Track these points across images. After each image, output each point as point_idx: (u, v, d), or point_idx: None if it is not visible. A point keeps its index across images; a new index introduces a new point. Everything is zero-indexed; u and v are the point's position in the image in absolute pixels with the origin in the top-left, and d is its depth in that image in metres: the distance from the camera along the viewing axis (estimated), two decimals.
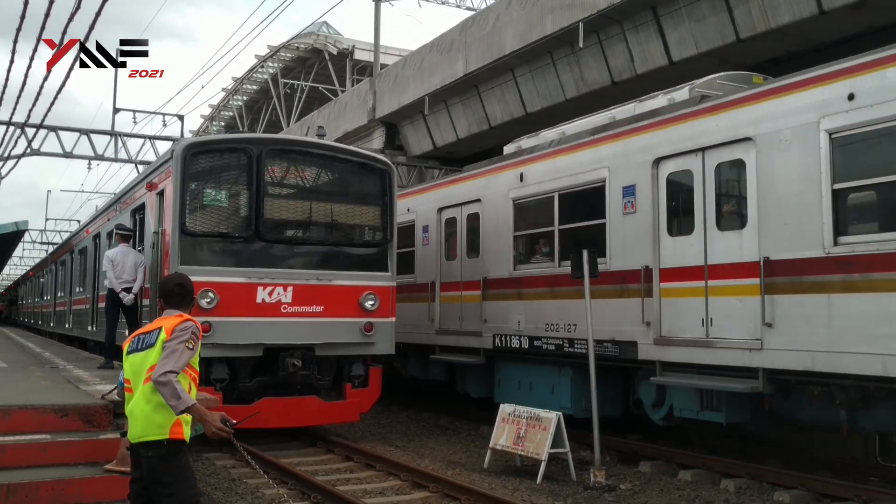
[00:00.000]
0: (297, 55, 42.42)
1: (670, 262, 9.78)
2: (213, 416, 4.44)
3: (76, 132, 23.87)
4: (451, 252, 14.41)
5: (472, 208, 13.84)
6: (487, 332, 12.87)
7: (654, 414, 10.51)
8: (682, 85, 10.74)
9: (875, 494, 8.21)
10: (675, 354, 9.61)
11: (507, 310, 12.56)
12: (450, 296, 14.25)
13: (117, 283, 11.77)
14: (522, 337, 12.10)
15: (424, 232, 15.10)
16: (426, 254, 14.97)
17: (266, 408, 10.79)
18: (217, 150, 11.50)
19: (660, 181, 10.00)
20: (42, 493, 6.02)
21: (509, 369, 12.84)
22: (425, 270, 14.96)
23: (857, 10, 13.44)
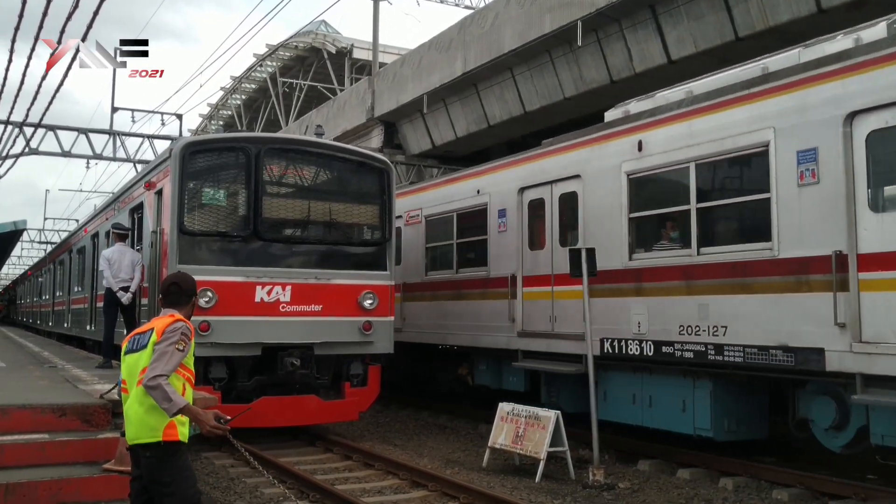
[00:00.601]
0: (295, 54, 42.43)
1: (876, 246, 7.51)
2: (206, 416, 4.44)
3: (74, 131, 23.87)
4: (536, 240, 12.19)
5: (566, 186, 11.52)
6: (593, 334, 10.26)
7: (829, 439, 8.41)
8: (873, 21, 9.01)
9: (873, 492, 8.22)
10: (886, 366, 7.31)
11: (619, 308, 10.30)
12: (536, 292, 11.99)
13: (114, 282, 11.77)
14: (645, 342, 9.89)
15: (500, 217, 12.90)
16: (503, 243, 12.81)
17: (265, 407, 10.79)
18: (215, 149, 11.49)
19: (855, 141, 7.78)
20: (40, 492, 6.02)
21: (620, 380, 10.64)
22: (501, 262, 12.80)
23: (855, 9, 13.44)
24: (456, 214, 14.21)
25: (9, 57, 14.68)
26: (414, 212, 15.48)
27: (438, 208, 14.72)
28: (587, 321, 9.86)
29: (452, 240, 14.30)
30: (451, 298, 14.04)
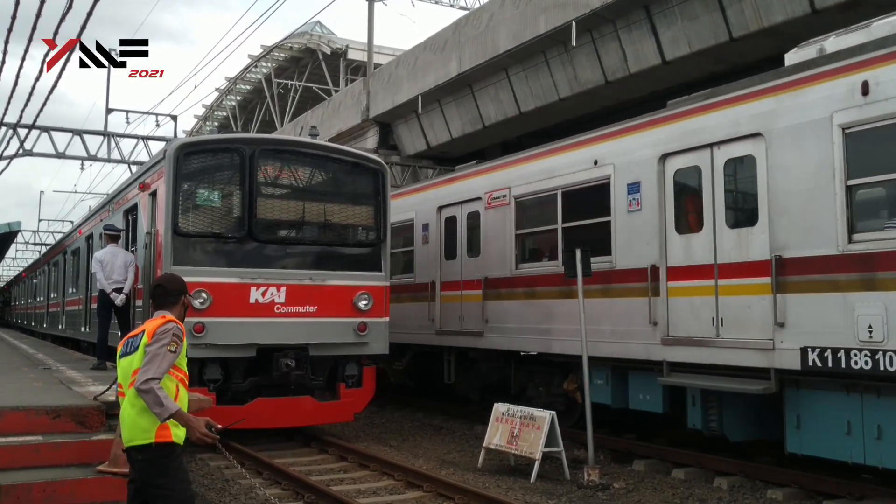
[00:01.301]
0: (290, 55, 42.37)
1: None
2: (197, 423, 4.43)
3: (69, 132, 23.84)
4: (686, 221, 9.70)
5: (737, 149, 9.00)
6: (787, 341, 8.18)
7: None
8: None
9: (868, 491, 8.24)
10: None
11: (834, 307, 7.81)
12: (689, 287, 9.46)
13: (107, 283, 11.74)
14: (880, 353, 7.35)
15: (632, 192, 10.27)
16: (635, 226, 10.22)
17: (260, 408, 10.78)
18: (210, 150, 11.48)
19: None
20: (34, 494, 6.00)
21: (827, 401, 8.16)
22: (634, 250, 10.21)
23: (849, 10, 13.48)
24: (561, 192, 11.56)
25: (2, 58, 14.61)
26: (498, 192, 13.00)
27: (535, 186, 12.13)
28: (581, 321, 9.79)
29: (556, 224, 11.68)
30: (556, 296, 11.43)
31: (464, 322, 13.70)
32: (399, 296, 14.80)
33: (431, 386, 13.96)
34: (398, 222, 15.07)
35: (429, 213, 15.08)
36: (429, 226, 15.08)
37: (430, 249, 14.93)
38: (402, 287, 15.22)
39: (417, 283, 15.21)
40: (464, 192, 14.12)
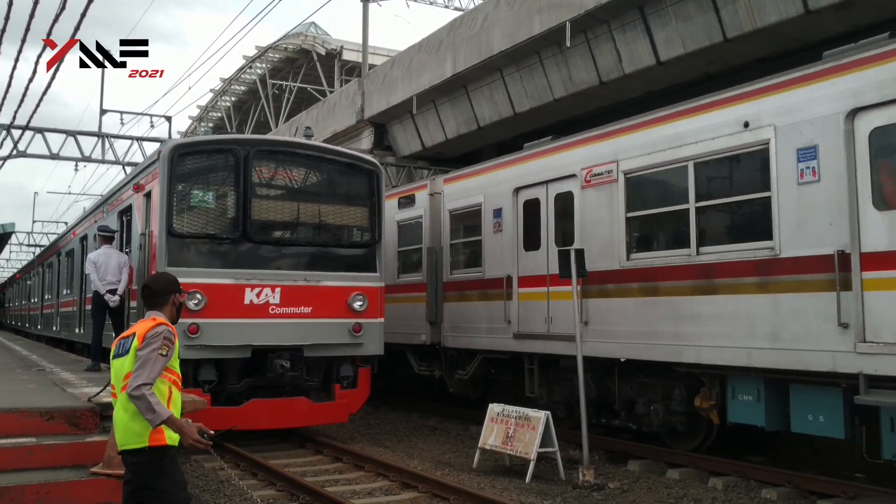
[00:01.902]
0: (285, 56, 42.34)
1: None
2: (190, 429, 4.41)
3: (63, 133, 23.77)
4: (884, 194, 7.72)
5: None
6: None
7: None
8: None
9: (861, 491, 8.27)
10: None
11: None
12: None
13: (101, 285, 11.71)
14: None
15: (803, 160, 8.32)
16: (808, 201, 8.23)
17: (254, 409, 10.78)
18: (204, 151, 11.47)
19: None
20: (27, 496, 5.98)
21: None
22: (807, 233, 8.20)
23: (842, 10, 13.51)
24: (693, 164, 9.51)
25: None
26: (601, 167, 10.80)
27: (653, 158, 10.05)
28: (576, 321, 9.82)
29: (687, 203, 9.56)
30: (688, 292, 9.48)
31: (552, 324, 11.53)
32: (463, 293, 13.65)
33: (504, 399, 11.30)
34: (460, 209, 13.94)
35: (502, 197, 12.79)
36: (502, 211, 12.82)
37: (505, 239, 12.67)
38: (465, 283, 13.61)
39: (487, 279, 13.01)
40: (550, 169, 11.79)
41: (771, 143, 8.67)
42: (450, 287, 14.09)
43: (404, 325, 14.69)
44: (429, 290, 14.38)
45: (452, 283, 14.03)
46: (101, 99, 24.75)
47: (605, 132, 11.03)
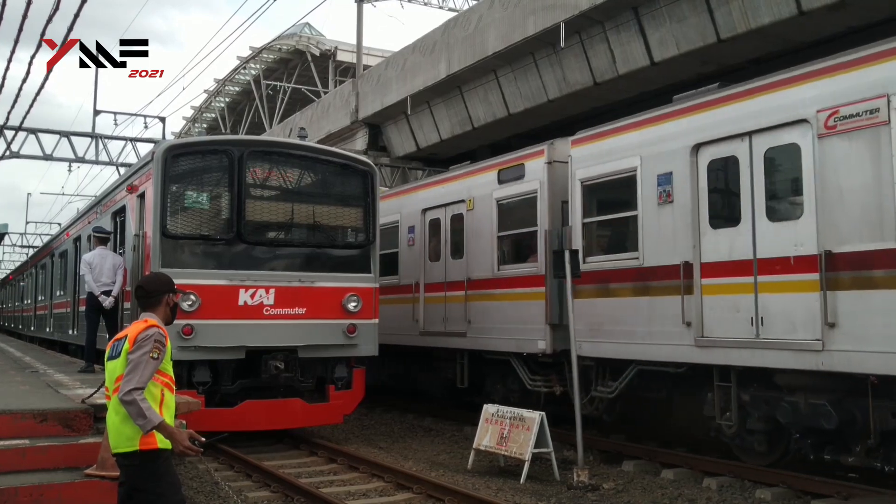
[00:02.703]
0: (279, 56, 42.31)
1: None
2: (181, 436, 4.40)
3: (56, 134, 23.71)
4: None
5: None
6: None
7: None
8: None
9: (855, 491, 8.29)
10: None
11: None
12: None
13: (96, 286, 11.68)
14: None
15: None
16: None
17: (249, 410, 10.77)
18: (198, 151, 11.44)
19: None
20: (21, 498, 5.96)
21: None
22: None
23: (836, 11, 13.56)
24: None
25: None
26: (857, 105, 7.77)
27: None
28: (570, 320, 9.83)
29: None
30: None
31: (762, 327, 8.55)
32: (606, 287, 10.61)
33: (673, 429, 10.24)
34: (598, 177, 10.92)
35: (671, 157, 9.77)
36: (672, 176, 9.72)
37: (677, 213, 9.61)
38: (609, 274, 10.60)
39: (648, 268, 9.99)
40: (754, 113, 8.77)
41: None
42: (584, 279, 10.47)
43: (509, 330, 12.28)
44: (549, 285, 11.58)
45: (588, 274, 10.59)
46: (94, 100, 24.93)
47: None
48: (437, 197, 14.58)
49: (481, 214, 13.10)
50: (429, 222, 14.76)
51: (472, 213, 13.41)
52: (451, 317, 13.73)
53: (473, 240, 13.36)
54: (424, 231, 14.82)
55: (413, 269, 15.01)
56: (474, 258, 13.27)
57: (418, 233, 14.93)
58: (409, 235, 15.29)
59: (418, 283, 14.75)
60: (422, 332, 14.49)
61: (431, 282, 14.45)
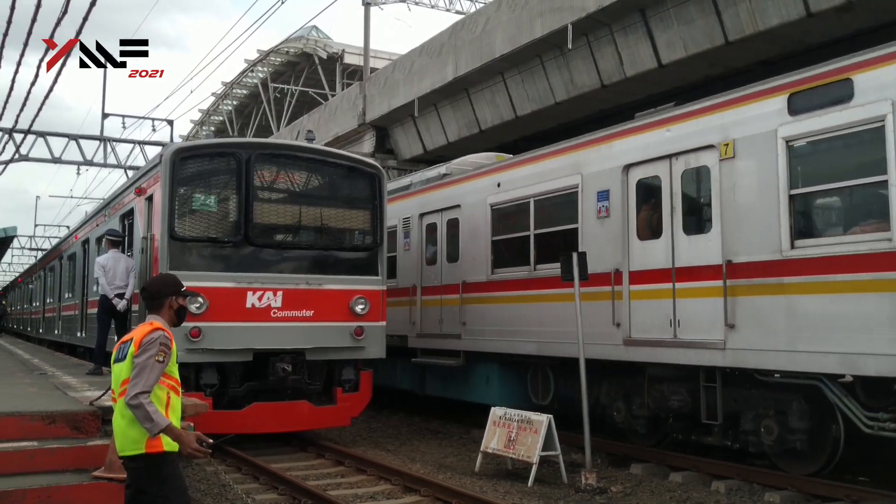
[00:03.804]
0: (286, 59, 42.44)
1: None
2: (188, 438, 4.40)
3: (65, 137, 23.86)
4: None
5: None
6: None
7: None
8: None
9: (864, 494, 8.24)
10: None
11: None
12: None
13: (110, 289, 11.71)
14: None
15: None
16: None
17: (256, 413, 10.78)
18: (206, 154, 11.47)
19: None
20: (29, 499, 5.97)
21: None
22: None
23: (844, 12, 13.51)
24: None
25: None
26: None
27: None
28: (578, 322, 9.82)
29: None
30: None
31: None
32: None
33: None
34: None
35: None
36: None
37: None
38: None
39: None
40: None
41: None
42: None
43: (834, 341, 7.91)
44: None
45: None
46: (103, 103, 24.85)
47: None
48: None
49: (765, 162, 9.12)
50: None
51: None
52: None
53: None
54: None
55: None
56: None
57: None
58: None
59: None
60: None
61: None
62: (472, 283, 13.35)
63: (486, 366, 13.24)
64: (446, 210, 14.26)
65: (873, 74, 7.71)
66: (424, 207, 14.91)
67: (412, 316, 14.81)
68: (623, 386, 10.97)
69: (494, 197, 12.91)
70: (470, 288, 13.28)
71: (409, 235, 15.31)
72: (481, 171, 13.65)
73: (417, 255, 14.98)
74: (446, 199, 14.28)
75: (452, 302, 13.79)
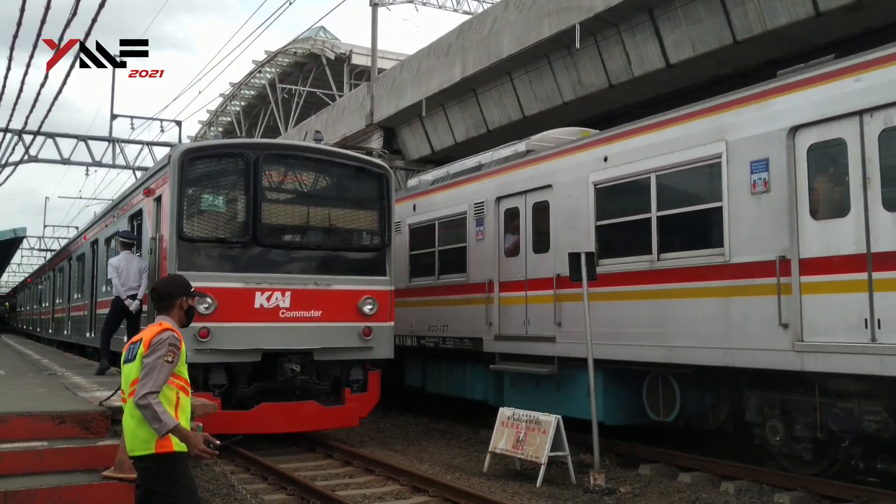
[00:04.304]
0: (294, 60, 42.48)
1: None
2: (196, 439, 4.41)
3: (74, 138, 23.94)
4: None
5: None
6: None
7: None
8: None
9: (874, 495, 8.20)
10: None
11: None
12: None
13: (123, 290, 11.74)
14: None
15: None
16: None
17: (265, 413, 10.79)
18: (214, 155, 11.50)
19: None
20: (39, 499, 5.99)
21: None
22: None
23: (853, 12, 13.44)
24: None
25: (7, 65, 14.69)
26: None
27: None
28: (587, 323, 9.80)
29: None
30: None
31: None
32: None
33: None
34: None
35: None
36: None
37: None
38: None
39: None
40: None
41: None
42: None
43: None
44: None
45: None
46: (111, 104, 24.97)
47: None
48: None
49: None
50: None
51: None
52: None
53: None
54: None
55: None
56: None
57: None
58: None
59: None
60: None
61: None
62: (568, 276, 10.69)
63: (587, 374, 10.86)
64: (532, 192, 12.37)
65: None
66: (502, 190, 13.07)
67: (488, 316, 13.05)
68: (783, 401, 8.91)
69: (599, 174, 10.96)
70: (567, 283, 10.67)
71: (481, 223, 13.55)
72: (580, 143, 11.69)
73: (493, 245, 13.21)
74: (532, 178, 12.39)
75: (541, 299, 12.00)
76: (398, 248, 14.57)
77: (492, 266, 13.16)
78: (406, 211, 15.70)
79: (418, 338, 15.05)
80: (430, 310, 14.75)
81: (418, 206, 15.54)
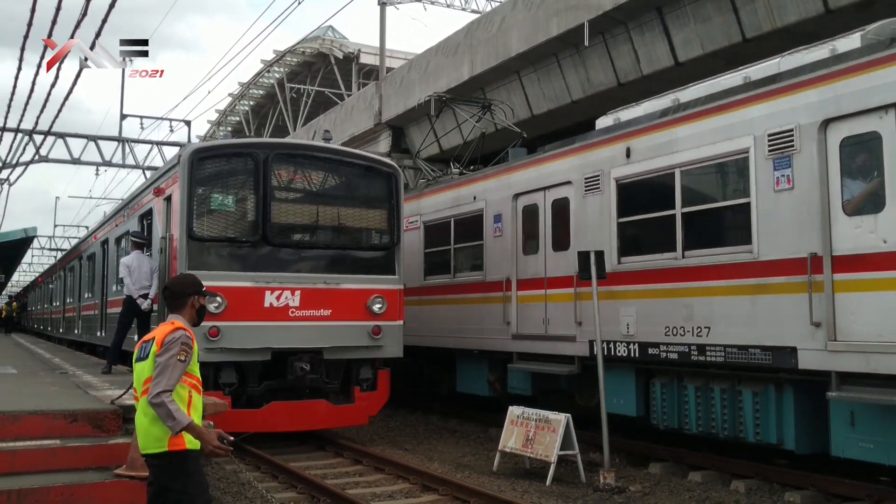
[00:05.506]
0: (303, 60, 42.60)
1: None
2: (209, 436, 4.44)
3: (84, 139, 24.09)
4: None
5: None
6: None
7: None
8: None
9: (886, 494, 8.17)
10: None
11: None
12: None
13: (135, 289, 11.79)
14: None
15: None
16: None
17: (274, 412, 10.82)
18: (224, 154, 11.52)
19: None
20: (52, 497, 6.03)
21: None
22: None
23: (863, 9, 13.40)
24: None
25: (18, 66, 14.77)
26: None
27: None
28: (596, 322, 9.79)
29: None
30: None
31: None
32: None
33: None
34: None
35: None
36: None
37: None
38: None
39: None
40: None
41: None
42: None
43: None
44: None
45: None
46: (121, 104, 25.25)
47: None
48: None
49: None
50: None
51: None
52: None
53: None
54: None
55: None
56: None
57: None
58: None
59: None
60: None
61: None
62: None
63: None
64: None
65: None
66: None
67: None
68: None
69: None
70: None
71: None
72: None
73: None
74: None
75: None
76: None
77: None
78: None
79: None
80: None
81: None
